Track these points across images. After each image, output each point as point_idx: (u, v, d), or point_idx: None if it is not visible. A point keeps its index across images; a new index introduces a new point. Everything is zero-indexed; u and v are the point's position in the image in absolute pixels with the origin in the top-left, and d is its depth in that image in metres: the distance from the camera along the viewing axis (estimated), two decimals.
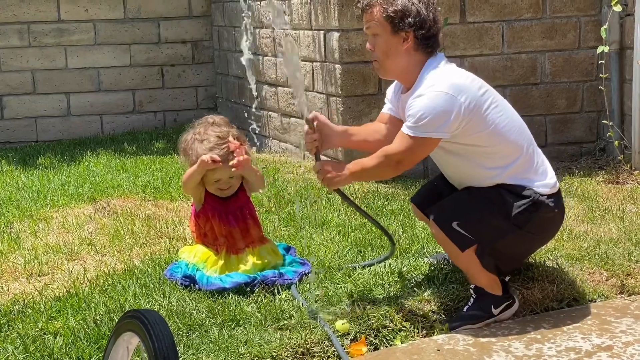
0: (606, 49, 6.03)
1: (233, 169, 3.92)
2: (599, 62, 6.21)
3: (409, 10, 3.57)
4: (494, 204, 3.60)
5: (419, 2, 3.59)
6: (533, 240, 3.77)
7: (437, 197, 3.83)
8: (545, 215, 3.65)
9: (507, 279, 3.79)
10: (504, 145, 3.62)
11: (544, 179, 3.68)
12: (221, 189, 4.02)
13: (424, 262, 4.15)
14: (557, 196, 3.71)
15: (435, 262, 4.13)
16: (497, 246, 3.65)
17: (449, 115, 3.47)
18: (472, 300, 3.71)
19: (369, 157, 3.69)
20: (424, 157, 3.68)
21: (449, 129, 3.51)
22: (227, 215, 4.05)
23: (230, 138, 3.96)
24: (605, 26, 6.05)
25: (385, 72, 3.72)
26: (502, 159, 3.63)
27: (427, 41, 3.62)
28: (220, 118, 4.10)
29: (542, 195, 3.63)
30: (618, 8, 5.92)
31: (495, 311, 3.69)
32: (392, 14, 3.57)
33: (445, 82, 3.54)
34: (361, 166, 3.67)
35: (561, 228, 4.64)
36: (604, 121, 6.19)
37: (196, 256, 4.01)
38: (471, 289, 3.73)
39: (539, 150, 3.77)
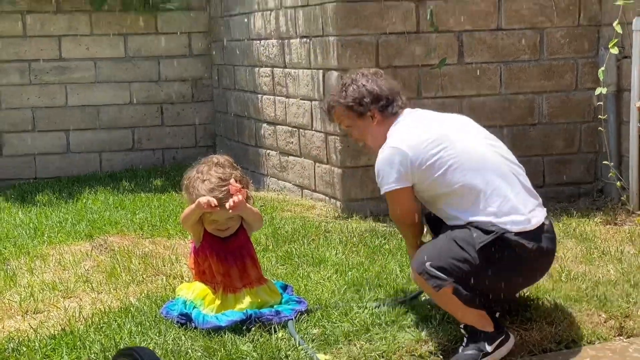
0: (604, 90, 6.06)
1: (230, 211, 3.91)
2: (597, 103, 6.24)
3: (361, 94, 3.96)
4: (463, 240, 3.67)
5: (366, 81, 3.99)
6: (512, 277, 3.73)
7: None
8: (517, 251, 3.65)
9: (497, 315, 3.77)
10: (458, 188, 3.72)
11: (511, 215, 3.67)
12: (219, 229, 4.02)
13: (421, 302, 4.13)
14: (533, 233, 3.68)
15: (432, 302, 4.11)
16: (475, 284, 3.64)
17: (394, 166, 3.79)
18: (465, 339, 3.70)
19: None
20: (410, 206, 3.87)
21: (403, 178, 3.79)
22: (225, 254, 4.04)
23: (232, 180, 3.94)
24: (602, 68, 6.09)
25: (374, 149, 4.03)
26: (462, 201, 3.73)
27: (389, 107, 3.97)
28: (225, 159, 4.09)
29: (509, 232, 3.63)
30: (615, 50, 5.96)
31: (489, 348, 3.66)
32: (350, 104, 3.98)
33: (394, 137, 3.88)
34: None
35: (559, 268, 4.65)
36: (604, 162, 6.20)
37: (194, 293, 3.99)
38: (461, 328, 3.72)
39: (506, 187, 3.74)
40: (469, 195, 3.71)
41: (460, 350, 3.69)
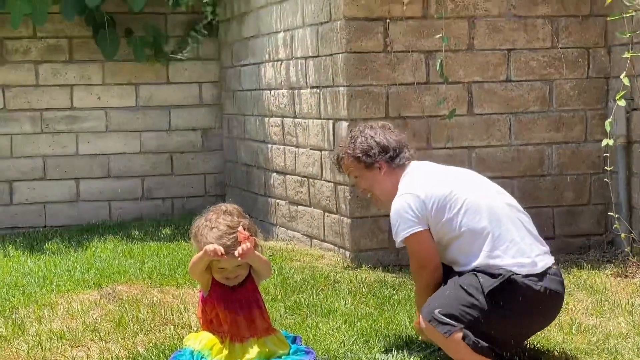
0: (610, 142, 6.06)
1: (239, 259, 3.91)
2: (604, 154, 6.24)
3: (369, 146, 4.07)
4: (470, 286, 3.70)
5: (373, 133, 4.10)
6: (521, 320, 3.74)
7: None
8: (525, 293, 3.67)
9: None
10: (466, 231, 3.80)
11: (517, 258, 3.73)
12: (227, 277, 4.00)
13: (432, 353, 4.10)
14: (540, 276, 3.73)
15: (443, 353, 4.08)
16: (484, 329, 3.65)
17: (410, 210, 3.86)
18: None
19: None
20: (432, 246, 3.89)
21: (420, 220, 3.84)
22: (233, 304, 4.03)
23: (240, 228, 3.94)
24: (609, 120, 6.10)
25: (382, 202, 4.17)
26: (469, 246, 3.79)
27: (396, 159, 4.08)
28: (233, 207, 4.09)
29: (516, 274, 3.67)
30: (622, 103, 5.96)
31: None
32: (359, 155, 4.09)
33: (404, 188, 3.98)
34: (416, 299, 4.11)
35: (569, 320, 4.62)
36: (610, 214, 6.19)
37: (201, 342, 3.96)
38: None
39: (513, 232, 3.81)
40: (476, 239, 3.77)
41: None
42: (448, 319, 3.65)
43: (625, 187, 6.27)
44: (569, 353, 4.11)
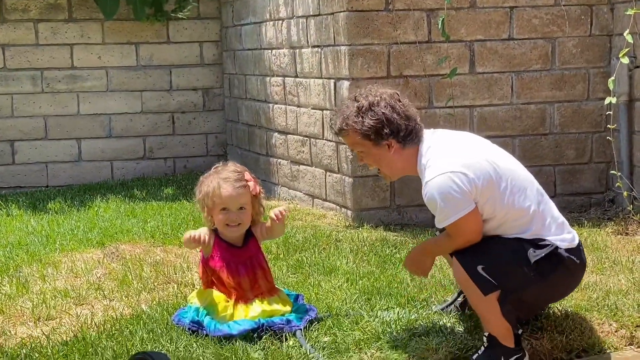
0: (613, 100, 6.05)
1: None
2: (607, 113, 6.23)
3: (380, 123, 3.68)
4: (518, 253, 3.64)
5: (385, 109, 3.69)
6: (554, 291, 3.80)
7: None
8: (569, 267, 3.70)
9: (520, 331, 3.77)
10: (511, 210, 3.66)
11: (560, 234, 3.73)
12: (228, 224, 4.02)
13: (432, 311, 4.13)
14: (577, 249, 3.75)
15: (443, 311, 4.12)
16: (519, 295, 3.66)
17: (458, 189, 3.55)
18: (482, 348, 3.69)
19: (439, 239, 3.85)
20: (480, 225, 3.65)
21: (469, 198, 3.57)
22: (236, 265, 4.06)
23: (247, 173, 4.07)
24: (612, 78, 6.08)
25: (391, 176, 3.88)
26: (513, 225, 3.68)
27: (409, 137, 3.73)
28: (235, 164, 4.22)
29: (561, 247, 3.68)
30: (625, 60, 5.95)
31: None
32: (367, 133, 3.70)
33: (442, 162, 3.62)
34: (436, 246, 3.88)
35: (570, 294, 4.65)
36: (612, 172, 6.20)
37: (207, 300, 4.00)
38: (485, 336, 3.70)
39: (551, 206, 3.79)
40: (522, 216, 3.68)
41: (474, 357, 3.68)
42: (490, 278, 3.58)
43: (627, 145, 6.27)
44: (569, 310, 4.14)
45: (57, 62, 8.57)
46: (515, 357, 3.68)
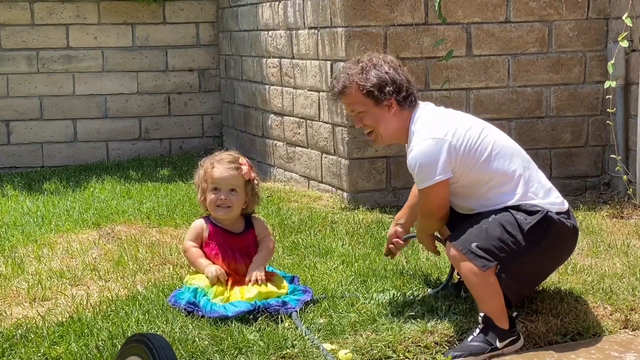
0: (613, 84, 6.05)
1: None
2: (606, 96, 6.23)
3: (384, 81, 3.81)
4: (509, 223, 3.69)
5: (390, 69, 3.84)
6: (550, 258, 3.81)
7: (450, 219, 3.92)
8: (561, 230, 3.73)
9: (514, 314, 3.79)
10: (496, 175, 3.74)
11: (548, 197, 3.76)
12: (219, 205, 4.04)
13: (428, 293, 4.14)
14: (567, 213, 3.78)
15: (438, 293, 4.13)
16: (516, 267, 3.68)
17: (439, 156, 3.68)
18: (477, 330, 3.70)
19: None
20: (447, 197, 3.80)
21: (447, 168, 3.70)
22: (233, 251, 4.08)
23: (242, 159, 4.13)
24: (612, 61, 6.08)
25: (383, 140, 3.96)
26: (499, 190, 3.74)
27: (408, 99, 3.86)
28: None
29: (551, 211, 3.71)
30: (625, 44, 5.94)
31: (499, 344, 3.68)
32: (371, 89, 3.81)
33: (428, 129, 3.76)
34: (417, 227, 4.09)
35: (566, 262, 4.65)
36: (611, 155, 6.20)
37: (205, 281, 4.01)
38: (480, 316, 3.71)
39: (539, 174, 3.85)
40: (508, 182, 3.74)
41: (469, 339, 3.69)
42: (485, 254, 3.63)
43: (623, 128, 6.27)
44: (564, 293, 4.16)
45: (53, 42, 8.54)
46: (509, 339, 3.70)
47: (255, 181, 4.14)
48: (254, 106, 7.99)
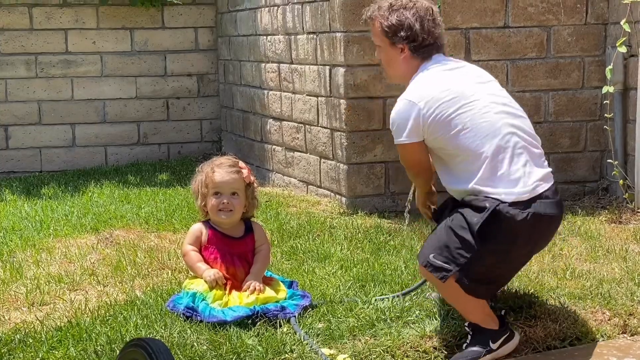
0: (611, 89, 6.06)
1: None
2: (604, 102, 6.23)
3: (401, 25, 3.84)
4: (459, 227, 3.61)
5: (413, 16, 3.84)
6: (511, 252, 3.67)
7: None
8: (512, 225, 3.58)
9: (502, 312, 3.78)
10: (465, 150, 3.67)
11: (512, 187, 3.61)
12: (221, 209, 4.04)
13: (426, 298, 4.14)
14: (528, 202, 3.61)
15: (437, 298, 4.13)
16: (478, 268, 3.60)
17: (408, 120, 3.73)
18: (469, 337, 3.70)
19: None
20: (420, 158, 3.86)
21: (413, 133, 3.74)
22: (232, 256, 4.08)
23: (241, 163, 4.15)
24: (610, 66, 6.09)
25: (390, 78, 4.09)
26: (465, 168, 3.68)
27: (420, 50, 3.87)
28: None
29: (504, 202, 3.57)
30: (623, 49, 5.96)
31: (493, 345, 3.66)
32: (386, 29, 3.88)
33: (413, 89, 3.80)
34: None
35: (563, 266, 4.66)
36: (609, 161, 6.21)
37: (204, 286, 4.01)
38: (466, 326, 3.72)
39: (515, 164, 3.67)
40: (473, 162, 3.66)
41: (464, 347, 3.69)
42: (442, 264, 3.59)
43: (621, 133, 6.28)
44: (562, 298, 4.16)
45: (52, 47, 8.55)
46: (502, 337, 3.67)
47: (255, 185, 4.16)
48: (253, 111, 7.99)
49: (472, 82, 3.84)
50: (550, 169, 3.80)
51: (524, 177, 3.66)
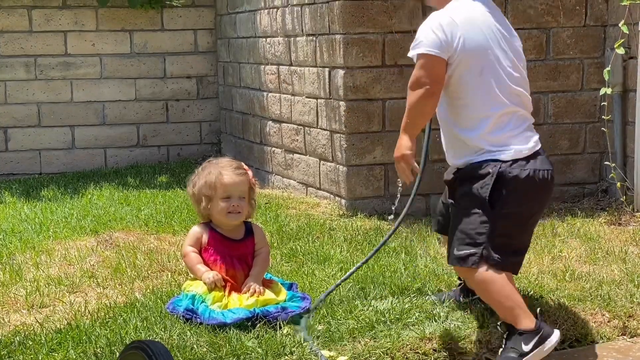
0: (609, 90, 6.07)
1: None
2: (602, 103, 6.24)
3: None
4: (467, 206, 3.63)
5: None
6: (522, 213, 3.65)
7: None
8: (517, 182, 3.60)
9: (538, 310, 3.72)
10: (473, 94, 3.65)
11: (521, 144, 3.66)
12: (230, 211, 4.04)
13: (426, 300, 4.14)
14: (525, 160, 3.64)
15: (437, 300, 4.13)
16: (500, 241, 3.58)
17: (439, 29, 3.61)
18: (504, 342, 3.61)
19: None
20: (441, 74, 3.66)
21: (445, 49, 3.61)
22: (231, 258, 4.08)
23: (243, 164, 4.15)
24: (608, 68, 6.09)
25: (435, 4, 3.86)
26: (469, 115, 3.67)
27: None
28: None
29: (504, 162, 3.61)
30: (621, 51, 5.96)
31: (525, 348, 3.51)
32: None
33: (446, 12, 3.69)
34: (404, 117, 3.76)
35: (563, 268, 4.66)
36: (606, 163, 6.21)
37: (203, 288, 4.01)
38: (498, 326, 3.68)
39: (510, 118, 3.70)
40: (477, 116, 3.66)
41: (499, 352, 3.62)
42: (466, 251, 3.59)
43: (620, 135, 6.28)
44: (562, 300, 4.16)
45: (51, 49, 8.55)
46: (536, 338, 3.51)
47: (256, 185, 4.17)
48: (252, 113, 7.99)
49: (502, 38, 3.77)
50: (534, 133, 3.82)
51: (521, 135, 3.70)
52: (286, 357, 3.56)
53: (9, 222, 6.15)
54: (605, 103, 6.07)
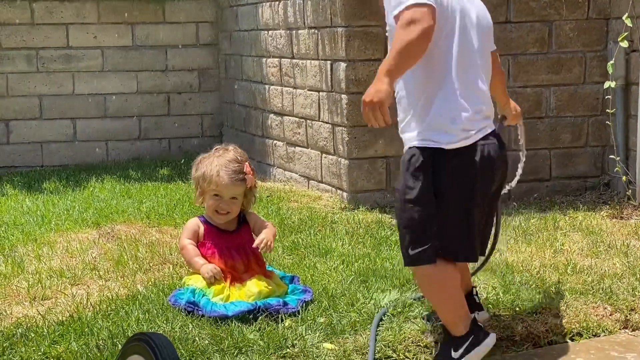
0: (613, 84, 6.05)
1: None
2: (605, 97, 6.23)
3: None
4: (403, 198, 3.37)
5: None
6: (465, 195, 3.37)
7: None
8: (457, 167, 3.37)
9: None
10: (438, 49, 3.38)
11: (455, 132, 3.36)
12: (218, 211, 4.05)
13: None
14: (470, 148, 3.37)
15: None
16: (452, 225, 3.36)
17: None
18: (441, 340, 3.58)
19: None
20: (432, 25, 3.29)
21: None
22: (229, 250, 4.08)
23: (247, 163, 4.12)
24: (611, 61, 6.08)
25: None
26: (426, 76, 3.39)
27: None
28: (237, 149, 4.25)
29: (443, 149, 3.34)
30: (625, 44, 5.95)
31: (454, 355, 3.44)
32: None
33: None
34: (390, 59, 3.30)
35: (565, 261, 4.66)
36: (610, 156, 6.21)
37: (203, 282, 4.01)
38: (441, 325, 3.62)
39: (467, 98, 3.41)
40: (432, 88, 3.39)
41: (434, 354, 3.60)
42: (419, 249, 3.35)
43: (623, 129, 6.27)
44: (563, 293, 4.16)
45: (53, 41, 8.54)
46: (465, 345, 3.44)
47: (256, 186, 4.15)
48: (254, 106, 7.99)
49: (474, 13, 3.56)
50: (491, 110, 3.60)
51: (470, 120, 3.41)
52: (288, 349, 3.56)
53: (11, 214, 6.16)
54: (609, 97, 6.06)
